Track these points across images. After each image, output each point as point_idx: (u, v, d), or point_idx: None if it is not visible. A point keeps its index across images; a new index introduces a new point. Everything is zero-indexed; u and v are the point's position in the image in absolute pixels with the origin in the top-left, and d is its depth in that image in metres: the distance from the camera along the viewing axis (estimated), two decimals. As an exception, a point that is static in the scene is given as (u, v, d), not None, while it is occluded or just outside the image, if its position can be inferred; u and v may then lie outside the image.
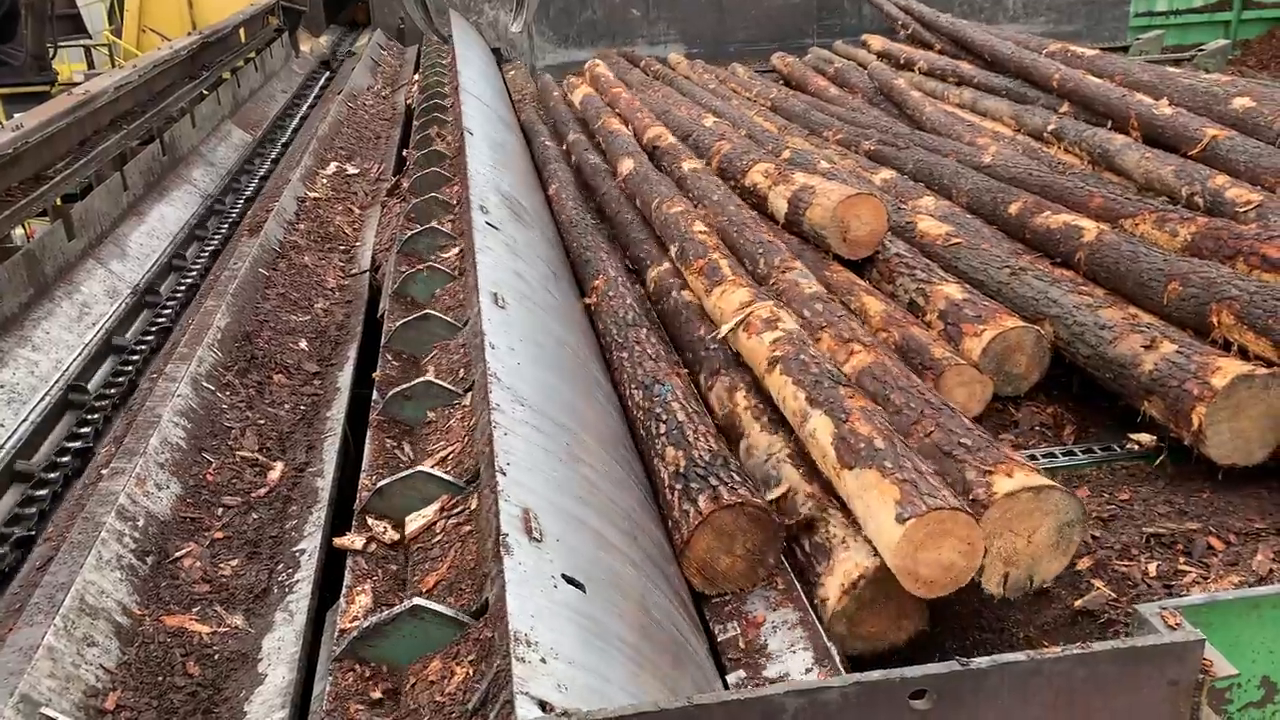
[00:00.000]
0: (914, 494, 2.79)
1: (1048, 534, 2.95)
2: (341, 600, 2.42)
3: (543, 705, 1.78)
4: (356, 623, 2.25)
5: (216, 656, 2.43)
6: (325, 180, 6.19)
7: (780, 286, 4.54)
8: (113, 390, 4.12)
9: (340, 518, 2.96)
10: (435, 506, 2.68)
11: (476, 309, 3.60)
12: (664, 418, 3.63)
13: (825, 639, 2.81)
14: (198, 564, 2.69)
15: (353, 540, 2.59)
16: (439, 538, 2.58)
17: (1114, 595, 3.24)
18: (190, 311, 4.63)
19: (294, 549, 2.82)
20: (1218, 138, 6.08)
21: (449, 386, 3.30)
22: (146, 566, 2.61)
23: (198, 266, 5.46)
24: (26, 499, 3.36)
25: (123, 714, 2.18)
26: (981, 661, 1.69)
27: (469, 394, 3.19)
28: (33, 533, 3.17)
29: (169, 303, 4.98)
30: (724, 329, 4.17)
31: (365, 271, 5.03)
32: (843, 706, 1.68)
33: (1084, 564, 3.40)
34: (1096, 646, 1.71)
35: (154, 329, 4.70)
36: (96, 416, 3.88)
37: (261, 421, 3.51)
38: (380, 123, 8.46)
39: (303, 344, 4.20)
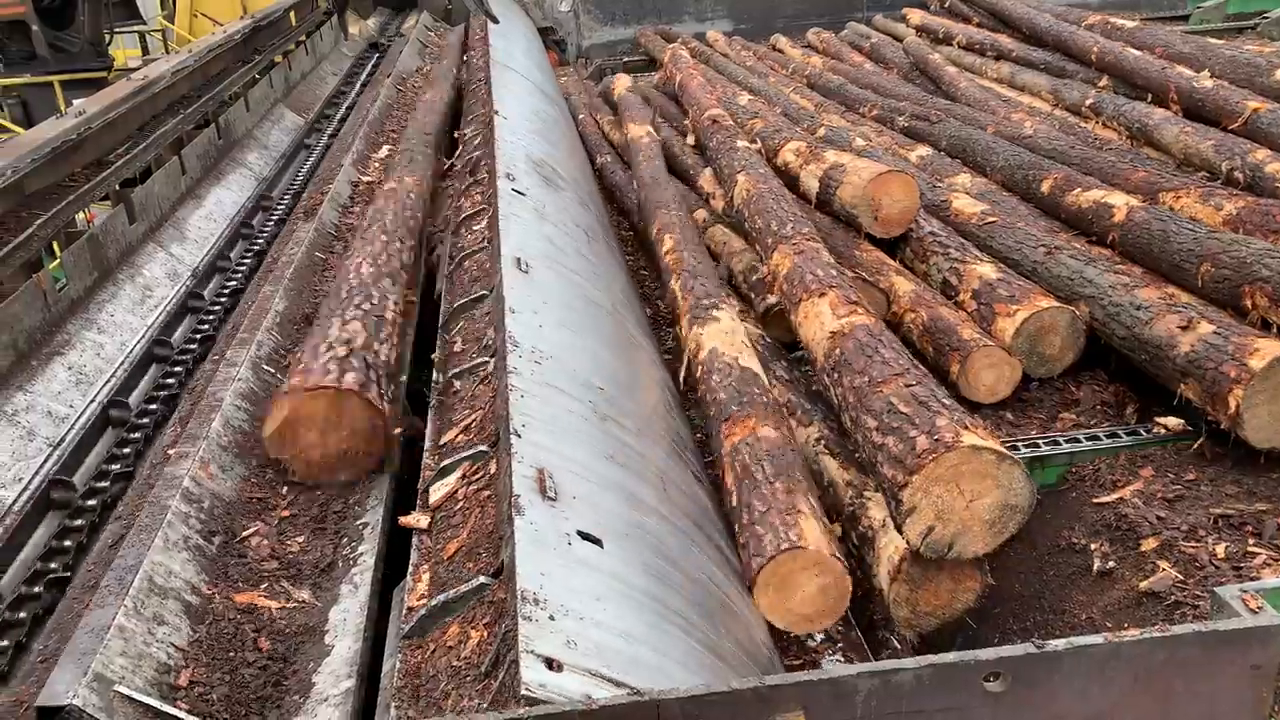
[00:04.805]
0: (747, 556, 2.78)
1: (989, 507, 2.87)
2: (408, 578, 2.44)
3: (549, 663, 1.80)
4: (424, 601, 2.27)
5: (286, 631, 2.46)
6: (378, 163, 6.22)
7: (800, 246, 4.49)
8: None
9: (402, 495, 2.98)
10: (457, 475, 2.69)
11: (499, 275, 3.62)
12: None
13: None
14: (265, 542, 2.73)
15: (417, 519, 2.61)
16: (460, 504, 2.61)
17: (1180, 577, 3.17)
18: (249, 292, 4.67)
19: (358, 523, 2.86)
20: (1259, 110, 5.91)
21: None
22: (214, 547, 2.65)
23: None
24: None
25: (196, 690, 2.22)
26: (1058, 644, 1.67)
27: (492, 359, 3.19)
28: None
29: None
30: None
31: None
32: (916, 688, 1.66)
33: (1149, 545, 3.33)
34: (1177, 629, 1.67)
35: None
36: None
37: (322, 402, 3.53)
38: (430, 104, 8.47)
39: (360, 325, 4.23)
